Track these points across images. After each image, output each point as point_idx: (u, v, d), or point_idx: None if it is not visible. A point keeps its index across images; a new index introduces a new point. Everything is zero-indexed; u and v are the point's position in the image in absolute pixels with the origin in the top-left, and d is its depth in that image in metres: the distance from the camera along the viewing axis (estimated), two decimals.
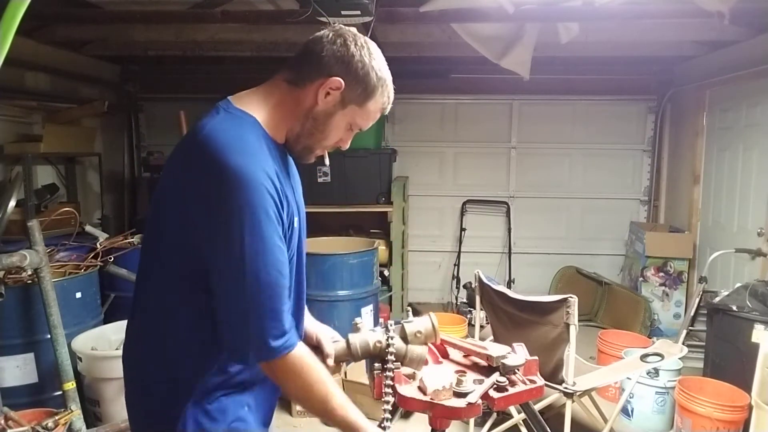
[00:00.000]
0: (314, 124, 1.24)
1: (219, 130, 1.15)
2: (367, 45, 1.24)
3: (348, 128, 1.29)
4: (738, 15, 3.13)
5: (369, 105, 1.25)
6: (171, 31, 4.11)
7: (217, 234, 1.11)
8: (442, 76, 5.28)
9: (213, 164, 1.10)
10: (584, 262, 5.47)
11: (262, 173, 1.11)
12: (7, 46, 0.80)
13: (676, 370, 3.20)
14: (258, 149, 1.15)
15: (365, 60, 1.21)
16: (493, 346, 1.51)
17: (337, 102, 1.22)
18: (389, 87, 1.28)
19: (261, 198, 1.10)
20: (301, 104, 1.23)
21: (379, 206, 4.72)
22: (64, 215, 3.45)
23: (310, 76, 1.21)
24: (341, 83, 1.20)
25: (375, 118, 1.30)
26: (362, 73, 1.21)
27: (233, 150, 1.11)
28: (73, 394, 2.72)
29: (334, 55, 1.20)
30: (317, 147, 1.29)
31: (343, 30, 1.24)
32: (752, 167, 4.01)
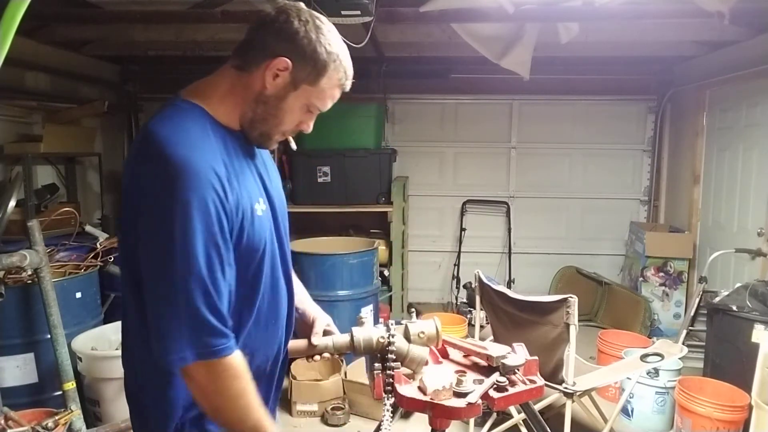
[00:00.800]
0: (266, 108, 1.18)
1: (160, 123, 1.12)
2: (313, 19, 1.16)
3: (305, 110, 1.22)
4: (738, 15, 3.13)
5: (322, 83, 1.18)
6: (171, 31, 4.11)
7: (155, 225, 1.07)
8: (442, 76, 5.28)
9: (151, 156, 1.07)
10: (584, 262, 5.47)
11: (204, 164, 1.07)
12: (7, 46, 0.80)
13: (676, 370, 3.20)
14: (199, 139, 1.11)
15: (311, 36, 1.14)
16: (493, 346, 1.51)
17: (288, 83, 1.16)
18: (344, 61, 1.19)
19: (199, 189, 1.05)
20: (251, 89, 1.18)
21: (379, 206, 4.72)
22: (64, 215, 3.44)
23: (256, 60, 1.16)
24: (288, 63, 1.14)
25: (333, 96, 1.23)
26: (309, 50, 1.14)
27: (172, 141, 1.07)
28: (73, 394, 2.72)
29: (278, 34, 1.14)
30: (274, 132, 1.23)
31: (286, 6, 1.17)
32: (752, 167, 4.01)
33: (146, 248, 1.09)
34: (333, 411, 3.30)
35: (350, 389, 3.40)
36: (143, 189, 1.08)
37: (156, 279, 1.07)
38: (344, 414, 3.31)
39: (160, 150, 1.06)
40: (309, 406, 3.38)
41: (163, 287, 1.06)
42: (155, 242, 1.07)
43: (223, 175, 1.10)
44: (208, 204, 1.06)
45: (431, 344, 1.47)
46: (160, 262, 1.06)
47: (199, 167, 1.06)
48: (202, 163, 1.07)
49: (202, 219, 1.05)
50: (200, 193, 1.05)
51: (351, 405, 3.39)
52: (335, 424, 3.29)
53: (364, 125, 4.83)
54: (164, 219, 1.04)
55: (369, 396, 3.25)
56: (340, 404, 3.37)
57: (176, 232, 1.04)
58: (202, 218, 1.05)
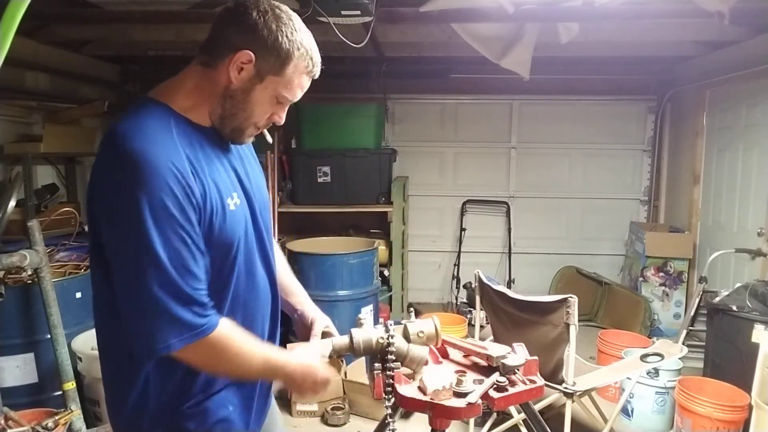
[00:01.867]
0: (233, 102, 1.18)
1: (123, 123, 1.12)
2: (272, 9, 1.16)
3: (275, 102, 1.21)
4: (738, 15, 3.12)
5: (288, 72, 1.17)
6: (171, 31, 4.11)
7: (115, 222, 1.08)
8: (442, 76, 5.28)
9: (111, 153, 1.09)
10: (584, 262, 5.47)
11: (164, 158, 1.07)
12: (7, 46, 0.80)
13: (676, 370, 3.20)
14: (160, 136, 1.10)
15: (271, 26, 1.14)
16: (493, 346, 1.51)
17: (253, 76, 1.16)
18: (308, 49, 1.19)
19: (160, 183, 1.05)
20: (217, 85, 1.17)
21: (379, 206, 4.72)
22: (64, 215, 3.44)
23: (220, 55, 1.16)
24: (251, 55, 1.14)
25: (302, 85, 1.22)
26: (271, 40, 1.14)
27: (132, 138, 1.07)
28: (73, 394, 2.72)
29: (238, 27, 1.14)
30: (247, 126, 1.22)
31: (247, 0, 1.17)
32: (752, 167, 4.01)
33: (111, 247, 1.10)
34: (333, 411, 3.30)
35: (350, 389, 3.40)
36: (104, 186, 1.10)
37: (123, 276, 1.09)
38: (344, 414, 3.31)
39: (119, 146, 1.07)
40: (309, 406, 3.38)
41: (131, 285, 1.07)
42: (119, 240, 1.08)
43: (184, 168, 1.09)
44: (167, 196, 1.05)
45: (431, 343, 1.47)
46: (124, 259, 1.08)
47: (158, 161, 1.06)
48: (161, 157, 1.07)
49: (163, 211, 1.05)
50: (159, 185, 1.05)
51: (351, 405, 3.39)
52: (335, 424, 3.29)
53: (364, 125, 4.83)
54: (125, 215, 1.05)
55: (369, 396, 3.25)
56: (340, 404, 3.37)
57: (137, 227, 1.04)
58: (163, 210, 1.05)
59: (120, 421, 1.26)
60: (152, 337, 1.08)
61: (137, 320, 1.09)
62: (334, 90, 4.95)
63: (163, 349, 1.08)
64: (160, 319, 1.07)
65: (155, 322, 1.07)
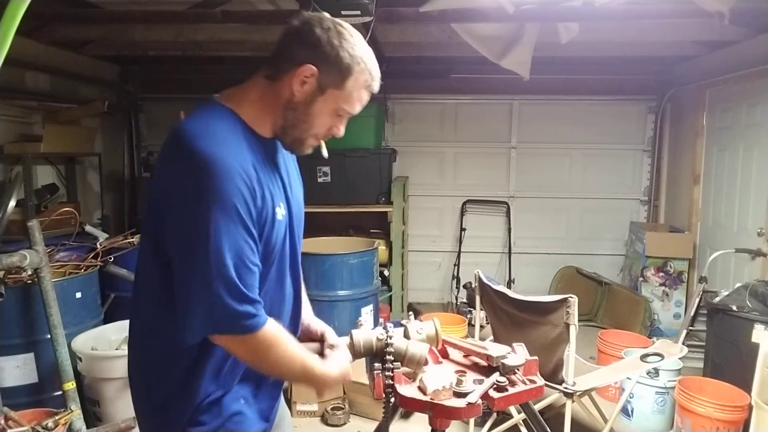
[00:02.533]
0: (296, 114, 1.24)
1: (193, 121, 1.18)
2: (335, 26, 1.22)
3: (335, 114, 1.27)
4: (738, 15, 3.13)
5: (348, 86, 1.23)
6: (171, 31, 4.11)
7: (182, 219, 1.12)
8: (442, 76, 5.28)
9: (183, 152, 1.12)
10: (584, 262, 5.47)
11: (232, 160, 1.12)
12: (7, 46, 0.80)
13: (676, 370, 3.20)
14: (229, 138, 1.16)
15: (333, 42, 1.19)
16: (493, 346, 1.51)
17: (315, 89, 1.21)
18: (368, 63, 1.24)
19: (230, 185, 1.10)
20: (280, 97, 1.23)
21: (379, 206, 4.72)
22: (64, 215, 3.44)
23: (284, 68, 1.21)
24: (313, 69, 1.19)
25: (362, 98, 1.27)
26: (333, 55, 1.19)
27: (203, 138, 1.12)
28: (73, 394, 2.72)
29: (303, 42, 1.20)
30: (307, 137, 1.28)
31: (309, 16, 1.23)
32: (752, 167, 4.01)
33: (176, 241, 1.14)
34: (333, 411, 3.30)
35: (350, 389, 3.40)
36: (175, 186, 1.14)
37: (185, 271, 1.13)
38: (344, 414, 3.31)
39: (191, 146, 1.11)
40: (309, 406, 3.38)
41: (192, 279, 1.12)
42: (186, 236, 1.12)
43: (251, 173, 1.15)
44: (236, 198, 1.11)
45: (431, 344, 1.47)
46: (189, 254, 1.12)
47: (228, 163, 1.11)
48: (232, 160, 1.12)
49: (231, 212, 1.10)
50: (229, 188, 1.10)
51: (351, 405, 3.39)
52: (335, 424, 3.29)
53: (364, 125, 4.83)
54: (194, 214, 1.10)
55: (369, 396, 3.24)
56: (340, 404, 3.37)
57: (205, 226, 1.09)
58: (231, 212, 1.10)
59: (148, 413, 1.31)
60: (203, 321, 1.13)
61: (191, 308, 1.13)
62: None
63: (197, 333, 1.14)
64: (214, 310, 1.12)
65: (209, 311, 1.12)
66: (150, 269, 1.23)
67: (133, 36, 4.21)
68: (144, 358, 1.31)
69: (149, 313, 1.27)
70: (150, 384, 1.30)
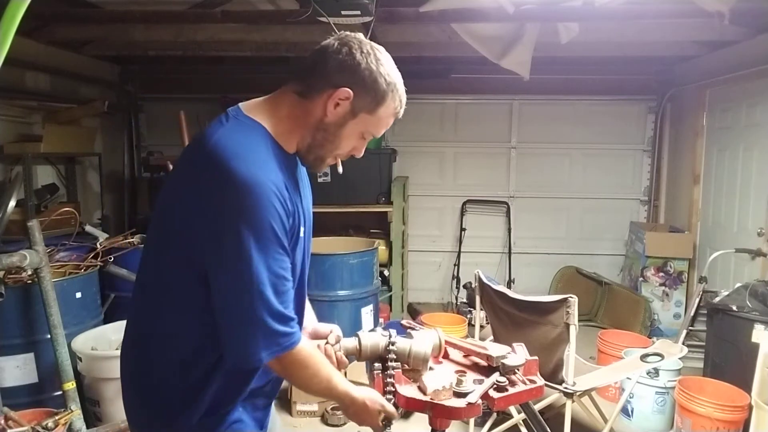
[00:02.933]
0: (325, 135, 1.24)
1: (228, 138, 1.15)
2: (374, 51, 1.22)
3: (360, 137, 1.29)
4: (738, 15, 3.13)
5: (380, 111, 1.24)
6: (171, 31, 4.11)
7: (221, 241, 1.11)
8: (442, 76, 5.28)
9: (221, 173, 1.10)
10: (584, 262, 5.47)
11: (270, 183, 1.12)
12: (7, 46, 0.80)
13: (676, 370, 3.20)
14: (266, 159, 1.15)
15: (372, 67, 1.20)
16: (493, 346, 1.51)
17: (347, 112, 1.22)
18: (400, 91, 1.26)
19: (268, 207, 1.11)
20: (311, 116, 1.23)
21: (379, 206, 4.72)
22: (64, 215, 3.44)
23: (318, 88, 1.21)
24: (350, 93, 1.20)
25: (388, 124, 1.29)
26: (370, 81, 1.20)
27: (241, 159, 1.11)
28: (73, 394, 2.72)
29: (341, 65, 1.19)
30: (329, 156, 1.29)
31: (349, 38, 1.22)
32: (752, 167, 4.01)
33: (213, 260, 1.13)
34: (333, 411, 3.30)
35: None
36: (211, 206, 1.11)
37: (226, 295, 1.14)
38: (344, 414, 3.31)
39: (228, 167, 1.10)
40: (309, 406, 3.38)
41: (234, 300, 1.13)
42: (224, 257, 1.12)
43: (285, 195, 1.16)
44: (273, 219, 1.12)
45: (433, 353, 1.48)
46: (230, 278, 1.12)
47: (266, 185, 1.11)
48: (268, 182, 1.12)
49: (267, 234, 1.11)
50: (267, 210, 1.11)
51: None
52: (335, 424, 3.29)
53: None
54: (234, 238, 1.09)
55: None
56: None
57: (245, 251, 1.09)
58: (267, 233, 1.11)
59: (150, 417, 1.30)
60: (247, 348, 1.14)
61: (236, 332, 1.14)
62: None
63: (256, 361, 1.15)
64: (257, 333, 1.13)
65: (252, 336, 1.14)
66: (176, 278, 1.21)
67: (133, 36, 4.21)
68: (155, 363, 1.27)
69: (169, 319, 1.24)
70: (158, 390, 1.27)
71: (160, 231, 1.25)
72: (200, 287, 1.16)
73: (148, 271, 1.28)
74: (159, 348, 1.27)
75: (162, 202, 1.24)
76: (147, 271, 1.29)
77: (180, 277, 1.20)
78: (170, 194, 1.23)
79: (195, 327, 1.21)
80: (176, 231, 1.19)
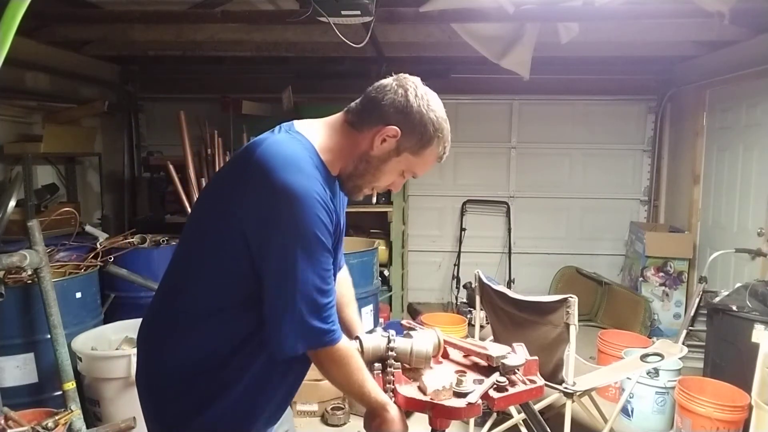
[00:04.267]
0: (367, 167, 1.30)
1: (277, 147, 1.21)
2: (427, 96, 1.28)
3: (400, 174, 1.34)
4: (738, 15, 3.13)
5: (424, 154, 1.30)
6: (171, 31, 4.11)
7: (270, 245, 1.18)
8: (442, 76, 5.27)
9: (270, 180, 1.16)
10: (584, 262, 5.47)
11: (315, 192, 1.18)
12: (7, 46, 0.80)
13: (676, 370, 3.20)
14: (312, 171, 1.21)
15: (423, 111, 1.26)
16: (493, 346, 1.51)
17: (392, 149, 1.28)
18: (446, 137, 1.32)
19: (314, 214, 1.17)
20: (358, 147, 1.29)
21: (379, 206, 4.71)
22: (64, 215, 3.44)
23: (369, 122, 1.27)
24: (398, 132, 1.25)
25: (430, 166, 1.35)
26: (419, 124, 1.26)
27: (289, 168, 1.17)
28: (73, 394, 2.72)
29: (394, 104, 1.26)
30: (367, 186, 1.35)
31: (407, 80, 1.29)
32: (752, 167, 4.01)
33: (265, 265, 1.20)
34: (333, 411, 3.30)
35: None
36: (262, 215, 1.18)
37: (277, 295, 1.21)
38: (344, 414, 3.31)
39: (277, 174, 1.16)
40: (309, 406, 3.38)
41: (280, 299, 1.20)
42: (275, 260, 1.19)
43: (331, 207, 1.23)
44: (318, 228, 1.18)
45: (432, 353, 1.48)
46: (280, 281, 1.20)
47: (313, 197, 1.17)
48: (316, 193, 1.18)
49: (314, 240, 1.18)
50: (315, 219, 1.17)
51: (351, 405, 3.38)
52: (335, 424, 3.29)
53: None
54: (282, 242, 1.17)
55: None
56: (340, 404, 3.37)
57: (292, 253, 1.17)
58: (314, 239, 1.18)
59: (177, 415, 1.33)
60: (287, 340, 1.21)
61: (278, 324, 1.21)
62: (334, 90, 4.94)
63: (293, 351, 1.22)
64: (296, 327, 1.20)
65: (291, 329, 1.20)
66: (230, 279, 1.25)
67: (133, 36, 4.20)
68: (188, 360, 1.30)
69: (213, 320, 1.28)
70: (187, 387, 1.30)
71: (199, 231, 1.31)
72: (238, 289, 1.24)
73: (183, 273, 1.33)
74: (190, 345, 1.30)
75: (202, 207, 1.32)
76: (181, 278, 1.34)
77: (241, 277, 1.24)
78: (215, 199, 1.29)
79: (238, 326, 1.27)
80: (217, 239, 1.25)
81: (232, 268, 1.23)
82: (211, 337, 1.27)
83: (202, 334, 1.28)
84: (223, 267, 1.24)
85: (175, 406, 1.31)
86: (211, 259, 1.26)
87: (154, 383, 1.35)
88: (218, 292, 1.26)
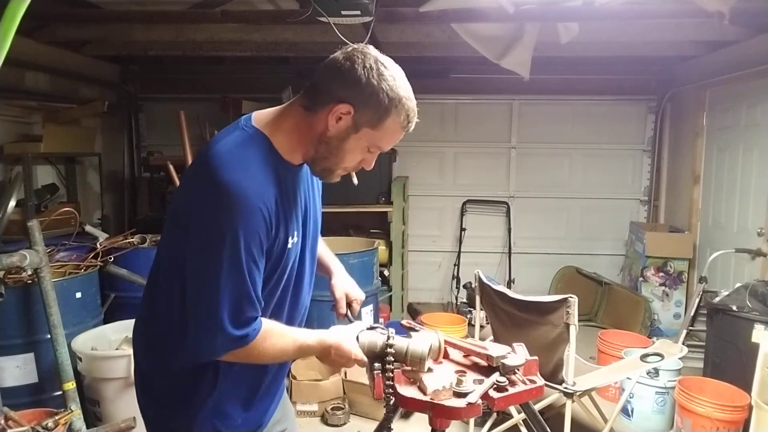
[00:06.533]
0: (328, 148, 1.25)
1: (227, 146, 1.19)
2: (378, 65, 1.21)
3: (366, 150, 1.29)
4: (738, 15, 3.13)
5: (384, 126, 1.24)
6: (171, 31, 4.11)
7: (198, 243, 1.16)
8: (442, 76, 5.28)
9: (210, 178, 1.14)
10: (584, 262, 5.47)
11: (256, 196, 1.14)
12: (7, 46, 0.80)
13: (676, 370, 3.20)
14: (258, 171, 1.17)
15: (373, 82, 1.19)
16: (493, 346, 1.51)
17: (349, 126, 1.22)
18: (406, 105, 1.26)
19: (247, 220, 1.13)
20: (314, 129, 1.24)
21: (379, 206, 4.72)
22: (64, 215, 3.44)
23: (321, 102, 1.22)
24: (350, 108, 1.20)
25: (395, 138, 1.30)
26: (372, 97, 1.20)
27: (232, 169, 1.14)
28: (73, 394, 2.72)
29: (343, 80, 1.20)
30: (336, 168, 1.30)
31: (353, 51, 1.22)
32: (752, 167, 4.01)
33: (191, 264, 1.18)
34: (333, 411, 3.30)
35: (350, 389, 3.40)
36: (196, 210, 1.17)
37: (194, 296, 1.18)
38: (344, 414, 3.31)
39: (217, 174, 1.13)
40: (309, 406, 3.38)
41: (199, 305, 1.18)
42: (200, 261, 1.17)
43: (272, 207, 1.18)
44: (250, 234, 1.14)
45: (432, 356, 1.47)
46: (202, 279, 1.17)
47: (251, 199, 1.14)
48: (255, 196, 1.14)
49: (243, 246, 1.14)
50: (246, 223, 1.13)
51: (351, 405, 3.39)
52: (335, 424, 3.29)
53: None
54: (211, 244, 1.14)
55: (369, 396, 3.25)
56: (340, 404, 3.37)
57: (217, 254, 1.13)
58: (243, 245, 1.14)
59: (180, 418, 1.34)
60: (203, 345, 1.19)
61: (196, 328, 1.19)
62: None
63: (209, 356, 1.22)
64: (215, 333, 1.17)
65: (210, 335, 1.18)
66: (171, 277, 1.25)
67: (133, 36, 4.21)
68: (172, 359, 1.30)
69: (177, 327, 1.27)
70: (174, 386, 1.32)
71: (166, 236, 1.31)
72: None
73: (160, 278, 1.32)
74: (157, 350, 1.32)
75: (172, 204, 1.30)
76: (154, 276, 1.34)
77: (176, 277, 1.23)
78: (176, 198, 1.29)
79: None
80: (172, 233, 1.25)
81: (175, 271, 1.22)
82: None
83: (178, 335, 1.25)
84: (179, 266, 1.22)
85: (168, 404, 1.31)
86: (172, 257, 1.25)
87: (147, 383, 1.36)
88: (182, 293, 1.22)
